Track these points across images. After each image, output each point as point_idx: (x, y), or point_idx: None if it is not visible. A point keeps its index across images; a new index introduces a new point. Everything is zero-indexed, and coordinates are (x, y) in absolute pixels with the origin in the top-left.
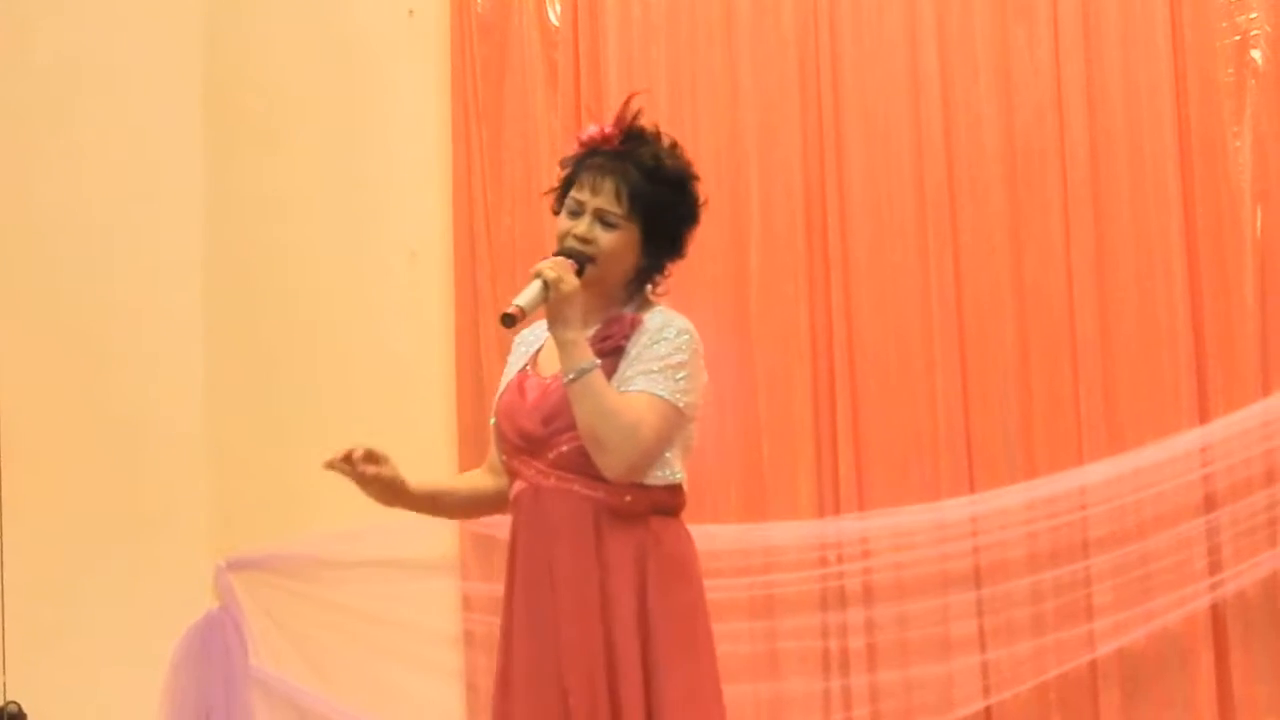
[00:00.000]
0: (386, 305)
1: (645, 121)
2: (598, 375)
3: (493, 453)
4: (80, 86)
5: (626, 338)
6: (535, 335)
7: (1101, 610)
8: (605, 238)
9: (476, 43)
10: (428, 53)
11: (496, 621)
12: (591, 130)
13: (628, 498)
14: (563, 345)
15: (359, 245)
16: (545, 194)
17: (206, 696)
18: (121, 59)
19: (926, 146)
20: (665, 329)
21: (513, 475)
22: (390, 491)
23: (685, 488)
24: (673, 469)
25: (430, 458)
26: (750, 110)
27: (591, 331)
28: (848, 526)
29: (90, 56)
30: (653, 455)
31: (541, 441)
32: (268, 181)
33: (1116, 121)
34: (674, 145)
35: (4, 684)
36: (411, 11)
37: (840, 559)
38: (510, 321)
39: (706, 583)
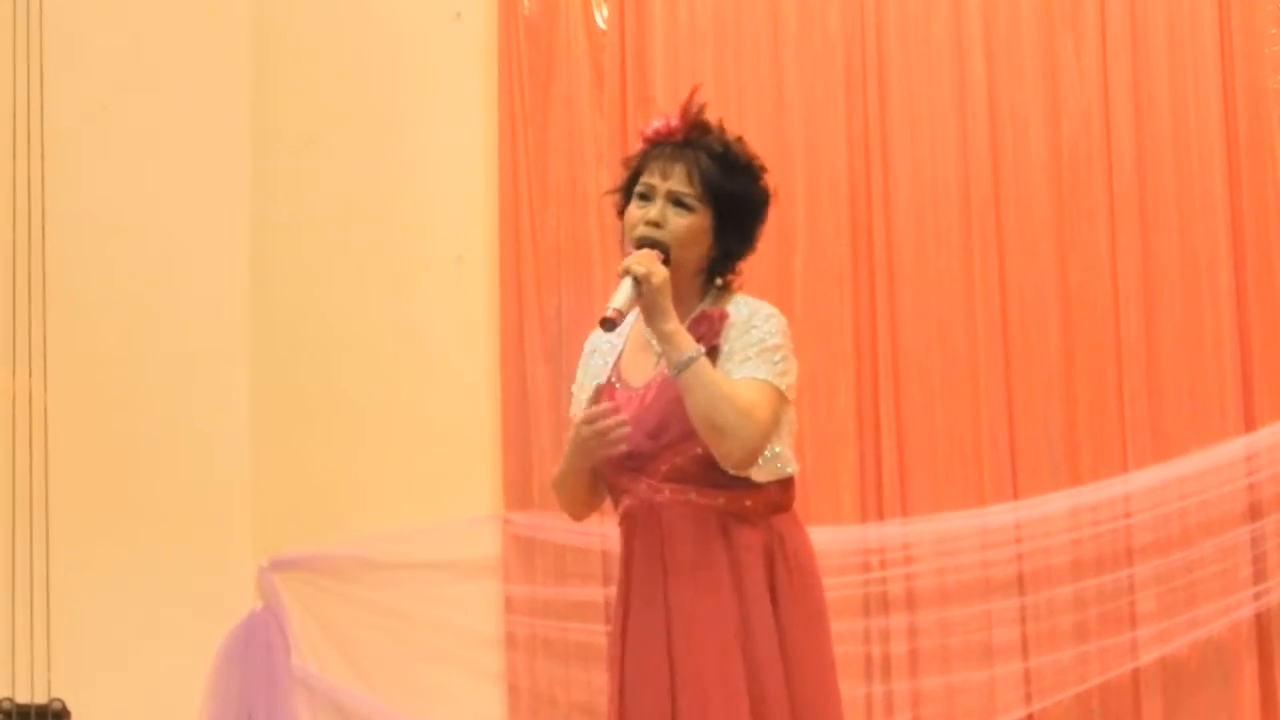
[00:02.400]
0: (432, 309)
1: (709, 116)
2: (705, 362)
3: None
4: (127, 91)
5: (718, 334)
6: (608, 342)
7: (1145, 618)
8: (678, 221)
9: (523, 46)
10: (474, 56)
11: (538, 623)
12: (657, 123)
13: (748, 502)
14: (664, 337)
15: (405, 249)
16: (607, 194)
17: (249, 696)
18: (168, 64)
19: (972, 152)
20: (754, 316)
21: (619, 492)
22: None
23: (796, 477)
24: (784, 461)
25: (474, 462)
26: (796, 115)
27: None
28: (891, 532)
29: (137, 62)
30: (770, 437)
31: (650, 456)
32: (314, 185)
33: (1163, 128)
34: (739, 138)
35: (49, 682)
36: (459, 14)
37: (883, 564)
38: (610, 326)
39: None
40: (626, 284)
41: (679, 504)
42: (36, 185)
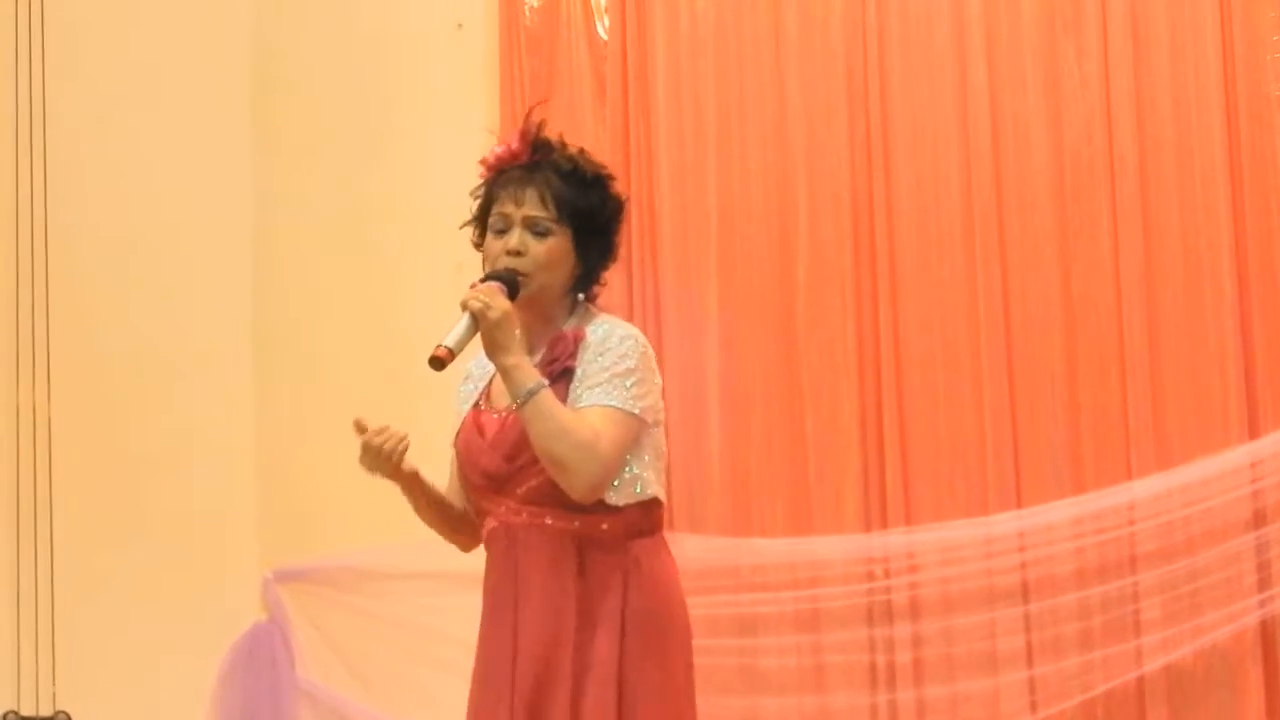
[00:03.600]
0: (434, 319)
1: (561, 140)
2: (546, 395)
3: (451, 481)
4: (129, 101)
5: (572, 357)
6: (484, 368)
7: (1149, 626)
8: (538, 247)
9: (525, 56)
10: (476, 66)
11: None
12: (498, 150)
13: (604, 525)
14: (505, 371)
15: (406, 258)
16: (461, 228)
17: (253, 708)
18: (170, 74)
19: (974, 159)
20: (608, 339)
21: (482, 514)
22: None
23: (663, 499)
24: (643, 484)
25: None
26: (798, 123)
27: (539, 356)
28: (894, 541)
29: (139, 72)
30: (615, 468)
31: (507, 479)
32: (316, 194)
33: (1165, 134)
34: (582, 150)
35: (53, 694)
36: (460, 25)
37: (887, 573)
38: (439, 365)
39: (752, 596)
40: (463, 320)
41: (536, 527)
42: (40, 194)
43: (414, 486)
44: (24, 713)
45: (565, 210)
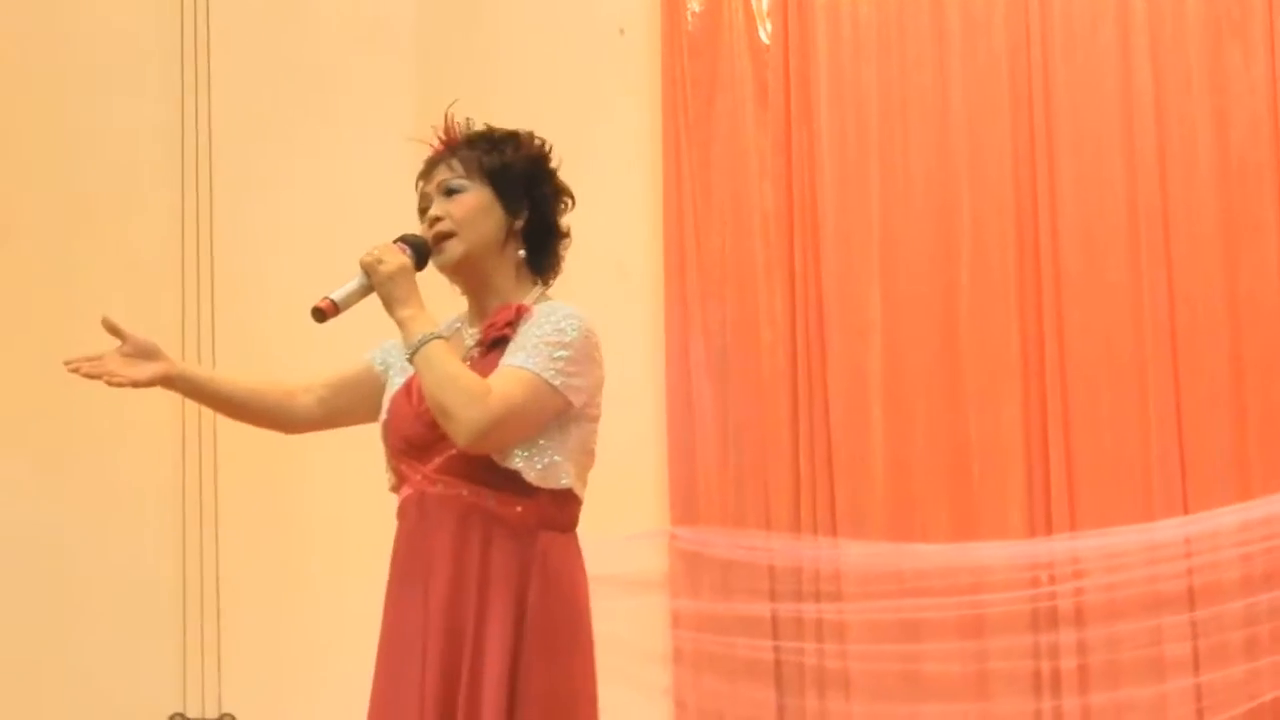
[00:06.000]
0: (596, 323)
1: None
2: (438, 345)
3: (323, 379)
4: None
5: (511, 326)
6: (451, 329)
7: None
8: (455, 206)
9: (687, 61)
10: (638, 71)
11: (704, 638)
12: (429, 155)
13: (518, 508)
14: (401, 324)
15: (570, 260)
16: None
17: None
18: (335, 84)
19: (1139, 163)
20: (552, 314)
21: (400, 481)
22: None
23: (580, 499)
24: (561, 471)
25: (640, 477)
26: (960, 127)
27: (479, 329)
28: (1059, 546)
29: (305, 82)
30: (510, 427)
31: (427, 446)
32: None
33: None
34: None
35: (219, 697)
36: (622, 30)
37: (1051, 579)
38: (319, 315)
39: (915, 602)
40: (357, 276)
41: (449, 498)
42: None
43: (179, 388)
44: (190, 715)
45: (474, 167)
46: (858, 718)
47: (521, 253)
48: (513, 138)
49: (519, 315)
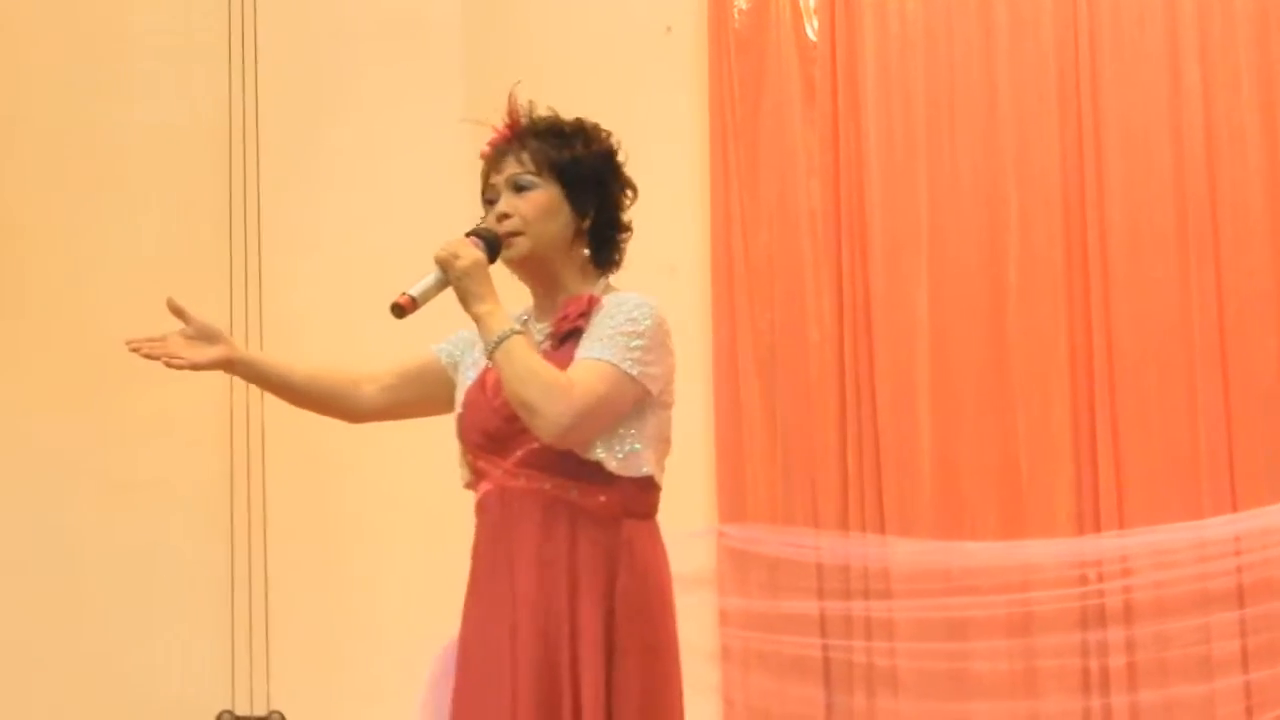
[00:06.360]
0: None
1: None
2: (518, 340)
3: (389, 368)
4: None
5: (584, 316)
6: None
7: None
8: (524, 203)
9: (734, 59)
10: (686, 69)
11: (752, 636)
12: (492, 138)
13: (602, 497)
14: (478, 320)
15: None
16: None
17: None
18: (385, 82)
19: (1188, 160)
20: (624, 304)
21: (478, 476)
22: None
23: (660, 485)
24: (642, 460)
25: (688, 475)
26: (1009, 125)
27: (548, 323)
28: (1107, 544)
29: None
30: (594, 419)
31: (507, 439)
32: None
33: None
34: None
35: (268, 694)
36: (669, 28)
37: (1100, 577)
38: (399, 312)
39: (963, 600)
40: (433, 272)
41: (532, 492)
42: (253, 203)
43: (239, 372)
44: (238, 712)
45: (544, 163)
46: (906, 716)
47: (586, 251)
48: (581, 131)
49: (590, 306)
